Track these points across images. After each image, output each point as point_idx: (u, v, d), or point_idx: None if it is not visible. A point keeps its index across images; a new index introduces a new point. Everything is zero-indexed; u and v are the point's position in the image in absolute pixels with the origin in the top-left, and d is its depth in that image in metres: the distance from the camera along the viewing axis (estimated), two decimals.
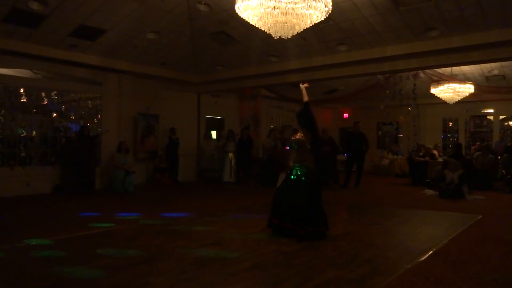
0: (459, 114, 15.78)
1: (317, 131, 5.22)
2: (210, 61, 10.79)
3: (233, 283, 3.43)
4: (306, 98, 5.35)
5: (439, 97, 12.34)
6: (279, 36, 5.85)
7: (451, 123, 16.42)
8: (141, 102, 11.37)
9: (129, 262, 4.00)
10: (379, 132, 17.61)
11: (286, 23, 5.57)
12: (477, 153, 11.56)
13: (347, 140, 11.91)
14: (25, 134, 9.50)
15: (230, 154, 12.12)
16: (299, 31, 5.87)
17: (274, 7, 5.35)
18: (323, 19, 5.78)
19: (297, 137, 5.17)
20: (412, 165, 12.40)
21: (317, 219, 4.94)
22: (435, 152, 12.84)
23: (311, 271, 3.77)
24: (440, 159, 11.96)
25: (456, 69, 11.44)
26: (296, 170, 5.04)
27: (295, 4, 5.32)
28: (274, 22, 5.59)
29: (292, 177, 5.05)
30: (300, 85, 5.57)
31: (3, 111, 9.24)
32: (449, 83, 11.68)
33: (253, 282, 3.48)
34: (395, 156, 15.13)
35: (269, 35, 5.95)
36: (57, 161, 9.78)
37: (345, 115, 18.40)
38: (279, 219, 5.04)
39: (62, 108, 10.37)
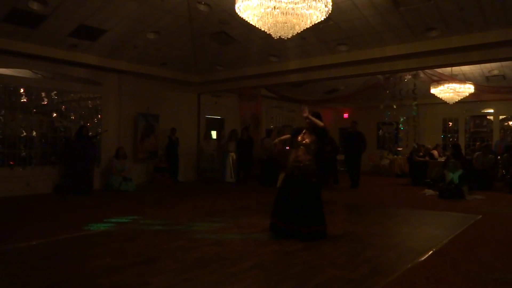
0: (459, 114, 15.79)
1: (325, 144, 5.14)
2: (210, 61, 10.79)
3: (233, 283, 3.43)
4: (321, 124, 5.09)
5: (439, 97, 12.35)
6: (279, 36, 5.85)
7: (451, 123, 16.42)
8: (141, 102, 11.37)
9: (129, 262, 3.99)
10: (380, 132, 17.61)
11: (286, 23, 5.57)
12: (477, 153, 11.57)
13: (345, 139, 11.90)
14: (25, 134, 9.50)
15: (232, 154, 12.12)
16: (299, 31, 5.87)
17: (274, 7, 5.35)
18: (323, 19, 5.78)
19: (306, 141, 5.10)
20: (412, 165, 12.40)
21: (319, 218, 4.95)
22: (435, 152, 12.84)
23: (311, 271, 3.77)
24: (440, 159, 11.97)
25: (456, 69, 11.44)
26: (297, 169, 5.03)
27: (295, 4, 5.32)
28: (274, 22, 5.59)
29: (293, 177, 5.04)
30: (304, 115, 5.15)
31: (3, 111, 9.24)
32: (449, 83, 11.68)
33: (253, 282, 3.48)
34: (395, 156, 15.14)
35: (269, 35, 5.95)
36: (57, 161, 9.78)
37: (345, 115, 18.42)
38: (279, 220, 5.02)
39: (62, 108, 10.37)
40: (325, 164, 10.79)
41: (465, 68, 11.33)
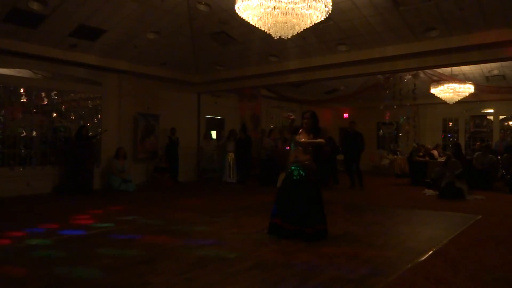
0: (459, 114, 15.79)
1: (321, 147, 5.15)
2: (210, 61, 10.79)
3: (233, 283, 3.43)
4: (322, 141, 5.08)
5: (439, 97, 12.35)
6: (279, 36, 5.85)
7: (451, 123, 16.42)
8: (141, 102, 11.37)
9: (129, 262, 4.00)
10: (380, 132, 17.62)
11: (286, 23, 5.58)
12: (477, 153, 11.57)
13: (343, 139, 11.89)
14: (25, 134, 9.50)
15: (231, 154, 12.12)
16: (299, 31, 5.87)
17: (274, 7, 5.35)
18: (323, 19, 5.78)
19: (302, 140, 5.10)
20: (412, 165, 12.40)
21: (321, 217, 4.97)
22: (435, 152, 12.84)
23: (311, 271, 3.77)
24: (440, 159, 11.97)
25: (456, 69, 11.44)
26: (297, 170, 5.03)
27: (295, 4, 5.32)
28: (274, 22, 5.59)
29: (294, 177, 5.04)
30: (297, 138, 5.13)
31: (3, 111, 9.24)
32: (449, 83, 11.69)
33: (253, 282, 3.48)
34: (395, 156, 15.15)
35: (269, 35, 5.95)
36: (57, 161, 9.79)
37: (345, 115, 18.41)
38: (283, 220, 5.01)
39: (62, 108, 10.37)
40: (325, 164, 10.80)
41: (465, 68, 11.33)
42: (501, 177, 11.40)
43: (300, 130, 5.19)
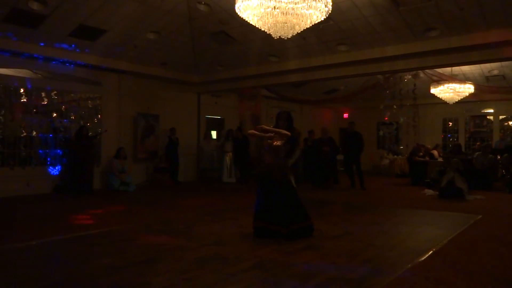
0: (459, 114, 15.79)
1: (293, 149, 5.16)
2: (210, 61, 10.79)
3: (233, 283, 3.42)
4: (288, 133, 5.03)
5: (439, 97, 12.35)
6: (279, 36, 5.85)
7: (451, 123, 16.43)
8: (141, 102, 11.38)
9: (129, 262, 3.99)
10: (380, 132, 17.62)
11: (286, 23, 5.58)
12: (477, 153, 11.57)
13: (343, 139, 11.88)
14: (25, 134, 9.50)
15: (229, 154, 12.12)
16: (299, 31, 5.88)
17: (274, 7, 5.36)
18: (323, 19, 5.78)
19: (277, 143, 5.07)
20: (412, 165, 12.40)
21: (297, 216, 4.95)
22: (435, 152, 12.84)
23: (311, 271, 3.77)
24: (440, 159, 11.97)
25: (456, 69, 11.45)
26: (268, 172, 5.04)
27: (295, 4, 5.33)
28: (274, 22, 5.60)
29: (265, 180, 5.04)
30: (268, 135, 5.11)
31: (3, 111, 9.24)
32: (449, 83, 11.69)
33: (253, 282, 3.47)
34: (395, 156, 15.15)
35: (269, 35, 5.95)
36: (57, 161, 9.78)
37: (345, 115, 18.41)
38: (265, 222, 5.01)
39: (62, 108, 10.37)
40: (325, 164, 10.80)
41: (465, 68, 11.33)
42: (501, 177, 11.40)
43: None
